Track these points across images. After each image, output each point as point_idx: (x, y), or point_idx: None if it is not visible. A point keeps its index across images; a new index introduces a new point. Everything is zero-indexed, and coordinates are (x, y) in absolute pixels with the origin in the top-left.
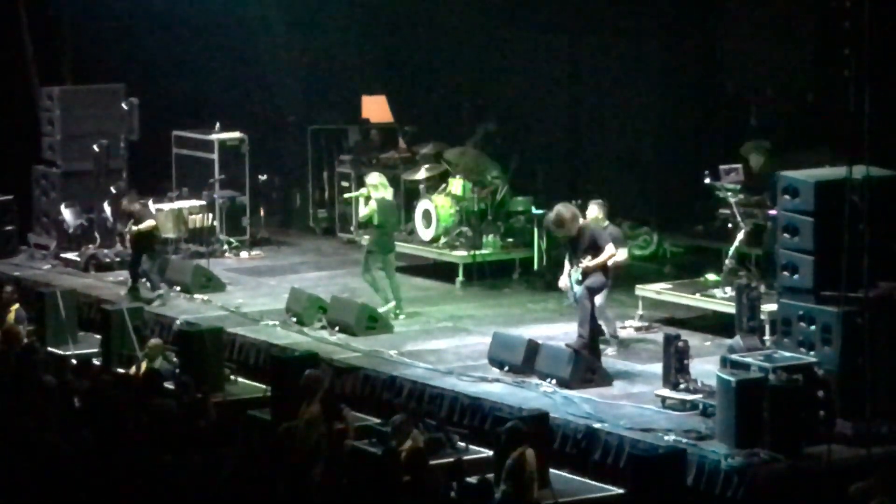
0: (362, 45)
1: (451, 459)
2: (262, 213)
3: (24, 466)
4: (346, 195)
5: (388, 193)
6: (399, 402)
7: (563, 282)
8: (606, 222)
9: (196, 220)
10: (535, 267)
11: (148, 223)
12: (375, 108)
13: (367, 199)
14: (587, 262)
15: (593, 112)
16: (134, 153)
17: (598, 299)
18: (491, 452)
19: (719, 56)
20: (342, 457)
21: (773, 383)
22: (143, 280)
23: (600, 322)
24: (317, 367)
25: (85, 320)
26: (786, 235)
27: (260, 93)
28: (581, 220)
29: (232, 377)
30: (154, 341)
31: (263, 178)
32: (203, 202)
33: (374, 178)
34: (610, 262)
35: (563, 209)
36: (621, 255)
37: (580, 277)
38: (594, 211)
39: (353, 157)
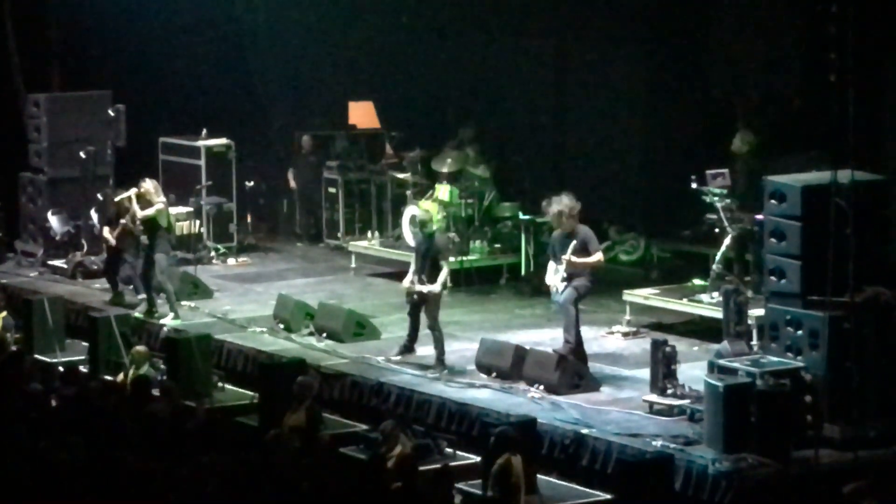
0: (349, 50)
1: (438, 466)
2: (249, 219)
3: (11, 474)
4: (119, 197)
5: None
6: (386, 409)
7: (550, 279)
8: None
9: (183, 226)
10: (523, 272)
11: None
12: (362, 114)
13: (140, 197)
14: (571, 256)
15: (580, 117)
16: (121, 160)
17: None
18: (478, 458)
19: (705, 60)
20: (326, 465)
21: (761, 388)
22: (130, 286)
23: None
24: (304, 373)
25: (72, 327)
26: (773, 240)
27: (247, 99)
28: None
29: (220, 384)
30: (139, 348)
31: (250, 184)
32: (190, 209)
33: (150, 184)
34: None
35: (571, 203)
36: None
37: (565, 275)
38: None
39: (340, 164)
